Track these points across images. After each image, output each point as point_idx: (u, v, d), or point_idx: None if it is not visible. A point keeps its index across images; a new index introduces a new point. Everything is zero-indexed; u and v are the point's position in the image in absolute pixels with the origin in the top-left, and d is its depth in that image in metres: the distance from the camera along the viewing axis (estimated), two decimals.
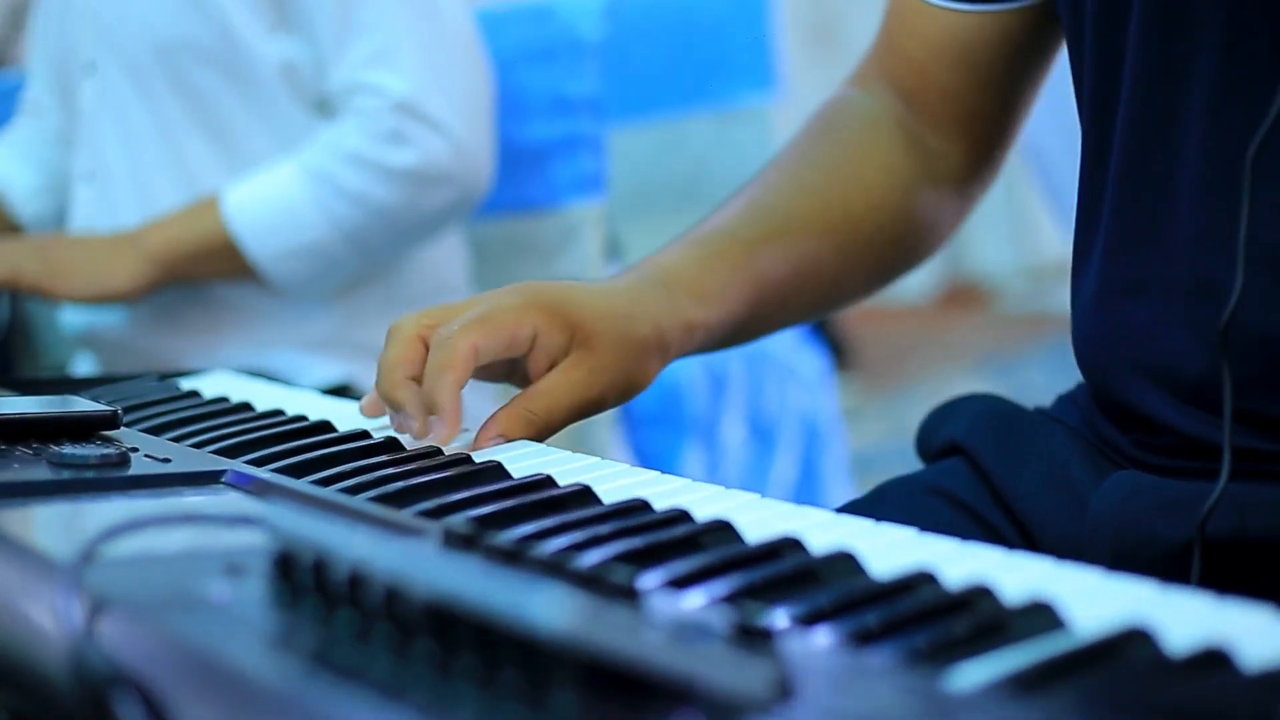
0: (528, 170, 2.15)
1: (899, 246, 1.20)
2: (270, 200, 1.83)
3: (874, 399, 4.45)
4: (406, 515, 0.84)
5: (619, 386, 1.05)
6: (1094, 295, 1.02)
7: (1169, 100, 0.96)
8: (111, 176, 1.93)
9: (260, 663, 0.61)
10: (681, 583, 0.72)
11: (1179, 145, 0.96)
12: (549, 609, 0.52)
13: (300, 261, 1.84)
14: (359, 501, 0.88)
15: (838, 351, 4.27)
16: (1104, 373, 1.02)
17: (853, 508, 1.05)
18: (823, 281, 1.16)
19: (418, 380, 1.00)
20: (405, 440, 1.01)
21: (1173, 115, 0.96)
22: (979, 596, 0.69)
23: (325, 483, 0.93)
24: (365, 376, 1.92)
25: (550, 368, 1.03)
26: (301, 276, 1.86)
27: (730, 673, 0.53)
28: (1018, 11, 1.13)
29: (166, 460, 0.96)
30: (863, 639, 0.64)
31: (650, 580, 0.72)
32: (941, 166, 1.19)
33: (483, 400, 1.57)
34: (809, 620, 0.67)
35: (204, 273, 1.86)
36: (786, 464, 2.73)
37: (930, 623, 0.66)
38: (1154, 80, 0.97)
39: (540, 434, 1.01)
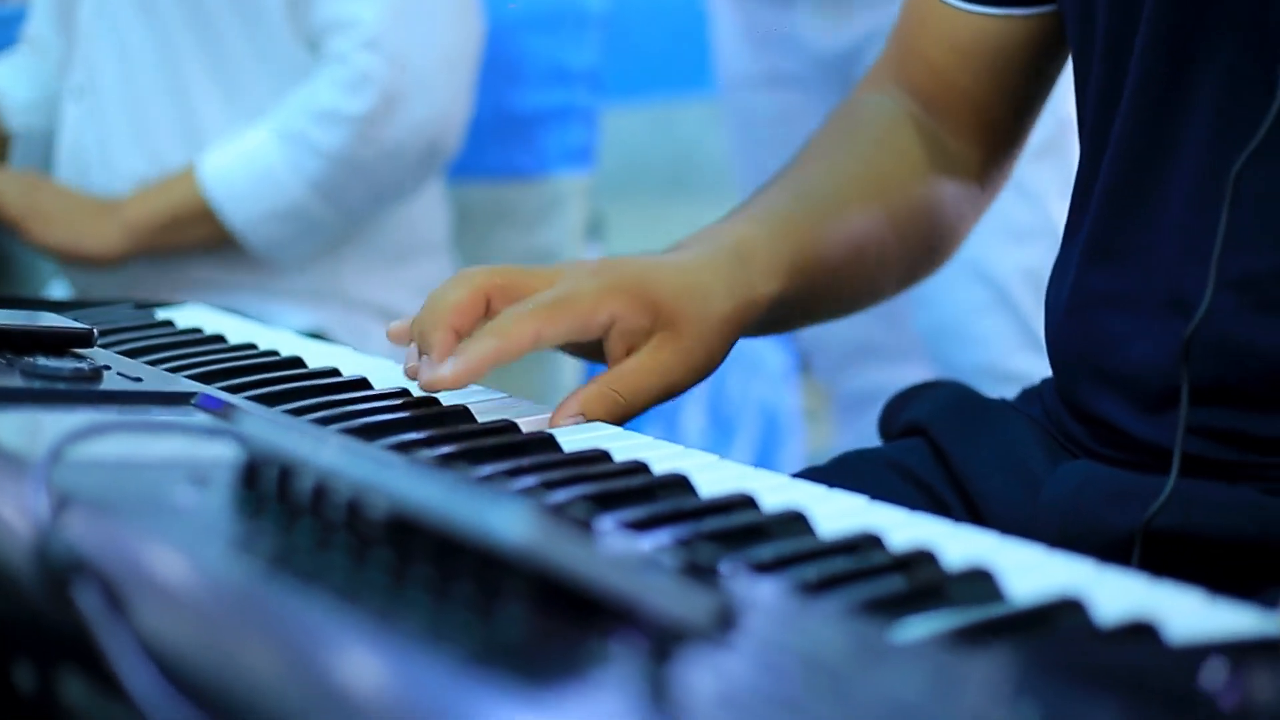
0: (518, 137, 2.16)
1: (929, 240, 1.20)
2: (246, 164, 1.85)
3: (828, 403, 4.46)
4: (374, 446, 0.86)
5: (701, 367, 1.02)
6: (1068, 304, 1.04)
7: (1167, 120, 0.98)
8: (103, 94, 1.94)
9: (218, 563, 0.63)
10: (636, 526, 0.74)
11: (1172, 164, 0.98)
12: (509, 521, 0.53)
13: (279, 224, 1.86)
14: (326, 430, 0.89)
15: (802, 352, 4.29)
16: (1071, 377, 1.04)
17: (811, 474, 1.07)
18: (868, 267, 1.15)
19: (460, 333, 0.96)
20: (374, 379, 1.03)
21: (1169, 135, 0.98)
22: (922, 560, 0.71)
23: (294, 414, 0.94)
24: (340, 327, 1.94)
25: (628, 350, 1.00)
26: (281, 239, 1.87)
27: (675, 600, 0.54)
28: (1040, 16, 1.14)
29: (138, 379, 0.98)
30: (807, 590, 0.66)
31: (606, 523, 0.73)
32: (961, 170, 1.20)
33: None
34: (757, 569, 0.69)
35: (183, 241, 1.88)
36: (743, 455, 2.75)
37: (872, 579, 0.68)
38: (1154, 100, 0.99)
39: (623, 417, 0.98)
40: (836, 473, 1.09)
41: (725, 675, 0.53)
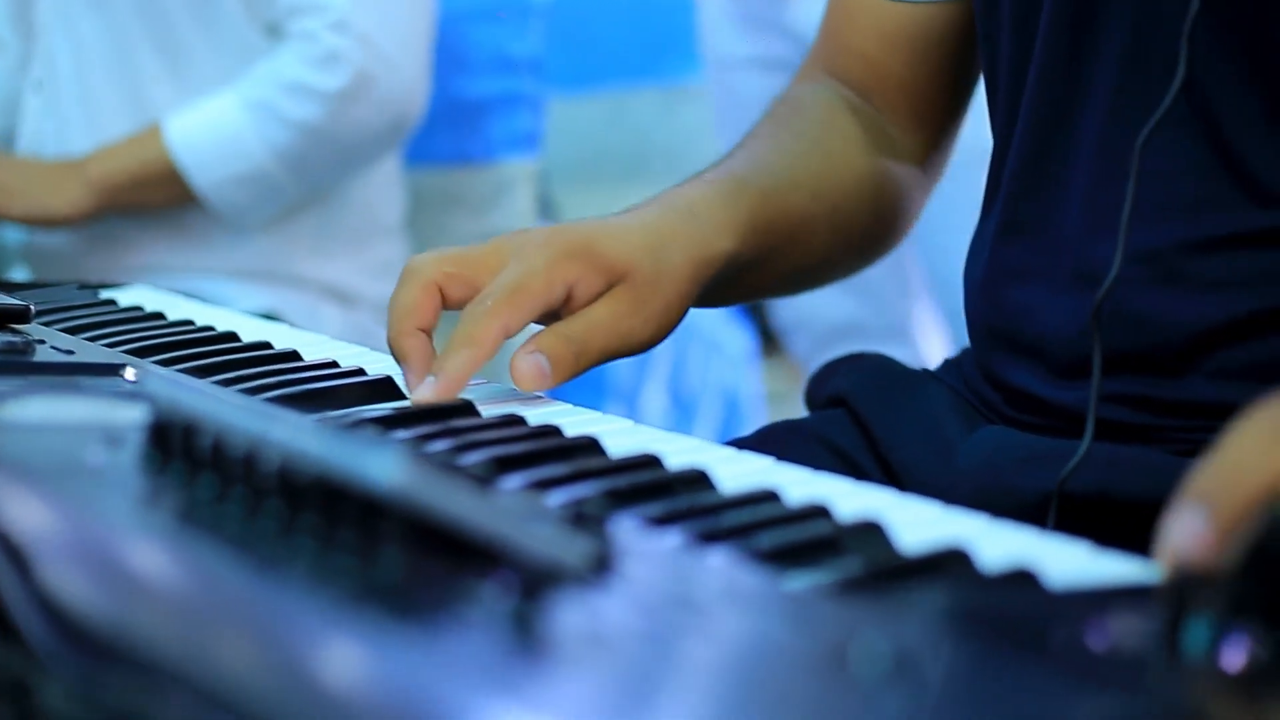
0: (466, 124, 2.19)
1: (881, 216, 1.21)
2: (213, 129, 1.87)
3: (800, 384, 4.48)
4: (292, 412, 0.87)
5: (659, 320, 1.02)
6: (983, 277, 1.06)
7: (1070, 97, 1.00)
8: (60, 87, 1.96)
9: (122, 519, 0.64)
10: (541, 485, 0.76)
11: (1077, 140, 1.00)
12: (383, 467, 0.55)
13: (242, 188, 1.88)
14: (241, 395, 0.91)
15: (769, 336, 4.31)
16: (987, 347, 1.06)
17: (736, 445, 1.08)
18: (816, 240, 1.16)
19: (427, 331, 0.97)
20: (303, 350, 1.04)
21: (1073, 112, 1.00)
22: (815, 514, 0.73)
23: (225, 385, 0.96)
24: (291, 308, 1.96)
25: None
26: (243, 203, 1.90)
27: (549, 543, 0.56)
28: (962, 2, 1.16)
29: (70, 353, 1.00)
30: (701, 540, 0.68)
31: (513, 481, 0.75)
32: (908, 157, 1.21)
33: None
34: (654, 522, 0.70)
35: (146, 200, 1.90)
36: (704, 436, 2.76)
37: (765, 532, 0.70)
38: (1058, 78, 1.01)
39: (579, 359, 0.98)
40: (762, 444, 1.11)
41: (595, 614, 0.55)
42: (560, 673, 0.51)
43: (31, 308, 1.08)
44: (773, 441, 1.10)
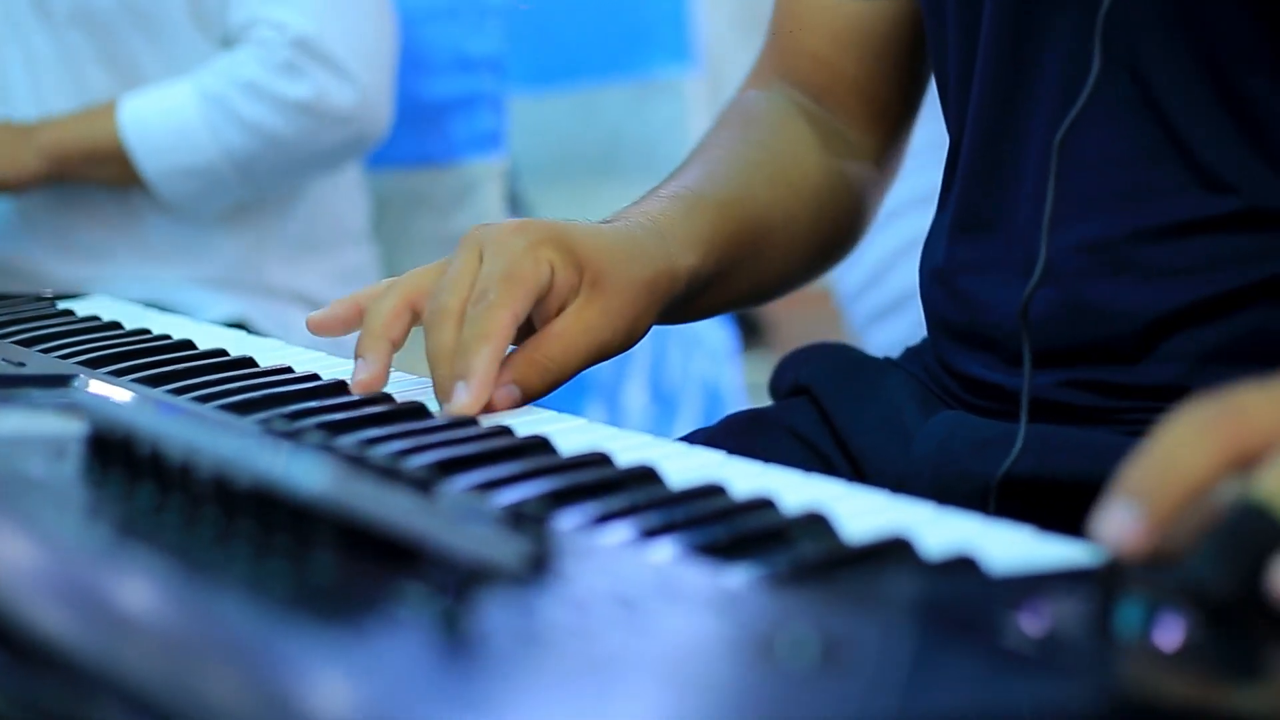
0: (428, 125, 2.19)
1: (837, 221, 1.21)
2: (165, 118, 1.86)
3: None
4: (231, 417, 0.87)
5: (625, 329, 1.00)
6: (938, 270, 1.06)
7: (1017, 90, 1.01)
8: (14, 102, 1.96)
9: (59, 531, 0.64)
10: (487, 487, 0.76)
11: (1023, 135, 1.00)
12: (307, 472, 0.55)
13: (189, 181, 1.88)
14: (181, 401, 0.91)
15: (749, 329, 4.31)
16: (943, 337, 1.07)
17: (700, 435, 1.09)
18: (775, 251, 1.15)
19: (395, 342, 0.96)
20: (259, 358, 1.04)
21: (1019, 105, 1.01)
22: (760, 506, 0.73)
23: (178, 393, 0.96)
24: (260, 315, 1.95)
25: (560, 309, 0.98)
26: (189, 194, 1.90)
27: (482, 543, 0.56)
28: None
29: (21, 364, 1.00)
30: (644, 536, 0.68)
31: (459, 483, 0.75)
32: (862, 157, 1.21)
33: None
34: (599, 520, 0.70)
35: (93, 174, 1.90)
36: (685, 430, 2.76)
37: (709, 525, 0.70)
38: (1004, 71, 1.01)
39: (555, 381, 0.97)
40: (726, 434, 1.11)
41: (529, 613, 0.55)
42: (490, 672, 0.51)
43: None
44: (737, 431, 1.11)
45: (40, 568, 0.64)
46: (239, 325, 1.85)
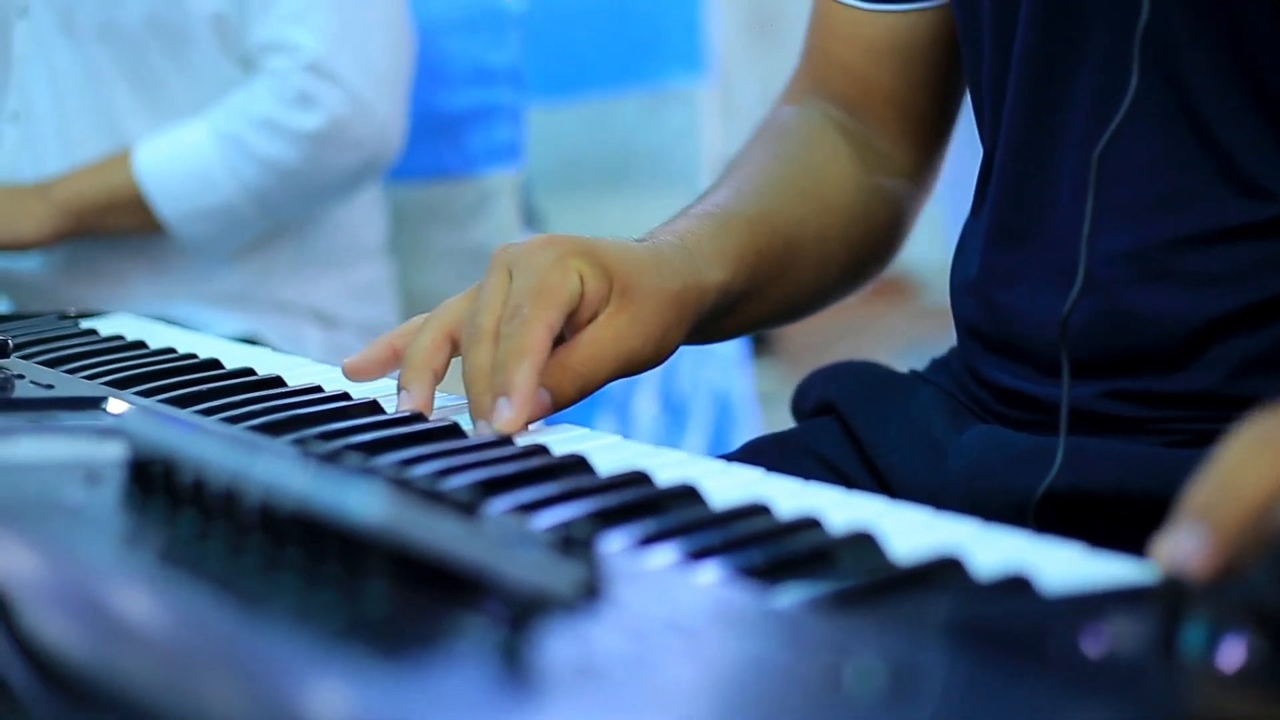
0: (446, 137, 2.18)
1: (870, 237, 1.20)
2: (181, 161, 1.86)
3: (792, 384, 4.48)
4: (271, 440, 0.87)
5: (656, 340, 0.99)
6: (971, 280, 1.05)
7: (1052, 99, 1.00)
8: (36, 119, 1.95)
9: (102, 560, 0.64)
10: (528, 508, 0.75)
11: (1058, 145, 1.00)
12: (362, 502, 0.54)
13: (209, 222, 1.87)
14: (220, 425, 0.90)
15: (759, 337, 4.30)
16: (976, 348, 1.06)
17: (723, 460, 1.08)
18: (806, 267, 1.15)
19: (436, 373, 0.96)
20: (287, 376, 1.04)
21: (1055, 114, 1.00)
22: (806, 526, 0.72)
23: (207, 414, 0.95)
24: (273, 332, 1.95)
25: (591, 320, 0.97)
26: (209, 235, 1.89)
27: (536, 571, 0.55)
28: (943, 9, 1.15)
29: (50, 387, 0.99)
30: (691, 558, 0.67)
31: (500, 504, 0.74)
32: (897, 170, 1.21)
33: None
34: (644, 542, 0.70)
35: (113, 225, 1.89)
36: (697, 440, 2.76)
37: (756, 547, 0.69)
38: (1039, 80, 1.00)
39: (586, 389, 0.96)
40: (749, 459, 1.10)
41: (586, 643, 0.54)
42: (551, 705, 0.50)
43: (9, 342, 1.07)
44: (759, 456, 1.10)
45: (81, 598, 0.63)
46: (251, 341, 1.84)
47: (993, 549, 0.69)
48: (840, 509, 0.74)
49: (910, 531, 0.71)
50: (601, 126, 2.86)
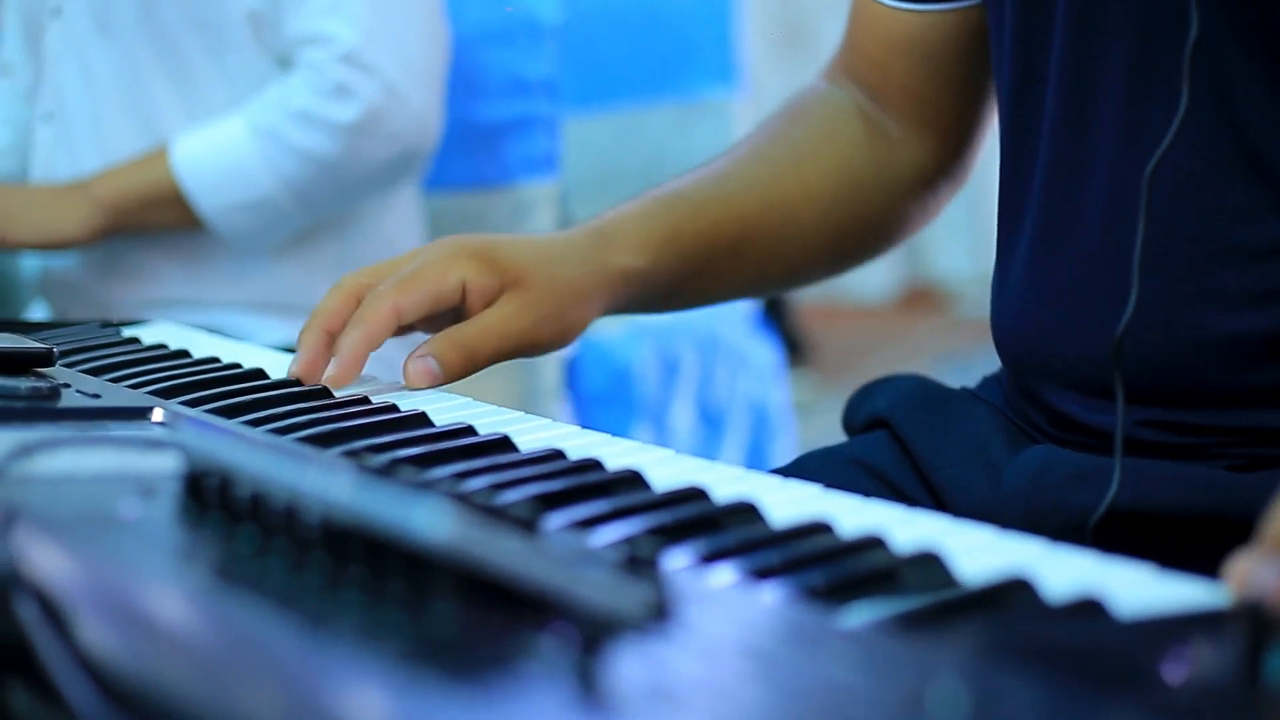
0: (482, 148, 2.17)
1: (853, 231, 1.21)
2: (219, 155, 1.85)
3: (827, 395, 4.47)
4: (327, 454, 0.85)
5: (552, 325, 1.07)
6: (1015, 298, 1.04)
7: (1084, 117, 0.99)
8: (70, 118, 1.94)
9: (159, 573, 0.62)
10: (586, 524, 0.74)
11: (1092, 160, 0.98)
12: (430, 520, 0.53)
13: (248, 215, 1.87)
14: (274, 438, 0.89)
15: (794, 347, 4.30)
16: (1022, 373, 1.04)
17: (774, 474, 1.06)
18: (767, 253, 1.18)
19: (331, 332, 1.05)
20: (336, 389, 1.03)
21: (1086, 131, 0.98)
22: (871, 545, 0.71)
23: (254, 424, 0.94)
24: None
25: (484, 309, 1.06)
26: (248, 229, 1.88)
27: (606, 592, 0.54)
28: (967, 11, 1.14)
29: (96, 396, 0.98)
30: (755, 577, 0.66)
31: (557, 520, 0.73)
32: (906, 159, 1.20)
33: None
34: (705, 559, 0.68)
35: (153, 221, 1.88)
36: (734, 450, 2.74)
37: (821, 566, 0.68)
38: (1070, 98, 0.99)
39: (469, 362, 1.03)
40: (799, 473, 1.09)
41: (659, 665, 0.53)
42: None
43: (55, 350, 1.07)
44: (810, 470, 1.08)
45: (139, 613, 0.62)
46: (291, 350, 1.83)
47: (1061, 570, 0.67)
48: (903, 528, 0.72)
49: (976, 551, 0.70)
50: (634, 137, 2.85)
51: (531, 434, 0.91)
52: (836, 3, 1.72)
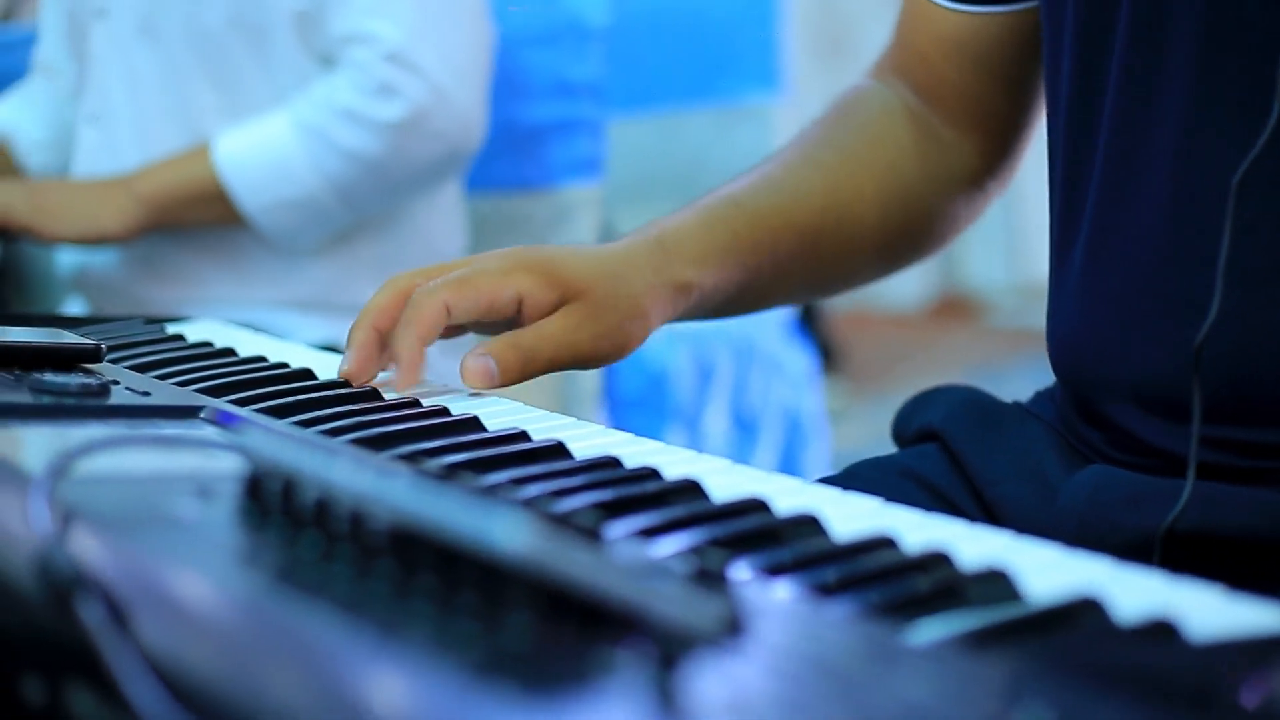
0: (526, 150, 2.17)
1: (905, 233, 1.21)
2: (263, 152, 1.84)
3: (859, 402, 4.46)
4: (381, 457, 0.85)
5: (610, 338, 1.06)
6: (1072, 310, 1.02)
7: (1145, 120, 0.97)
8: (114, 119, 1.94)
9: (222, 576, 0.62)
10: (647, 533, 0.73)
11: (1154, 165, 0.97)
12: (510, 532, 0.52)
13: (290, 213, 1.86)
14: (334, 441, 0.89)
15: (826, 354, 4.28)
16: (1078, 383, 1.03)
17: (824, 483, 1.05)
18: (824, 259, 1.18)
19: (380, 330, 1.03)
20: (383, 390, 1.02)
21: (1148, 136, 0.97)
22: (937, 561, 0.70)
23: (304, 425, 0.94)
24: None
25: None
26: (291, 227, 1.87)
27: (682, 607, 0.53)
28: (1021, 14, 1.14)
29: (146, 394, 0.97)
30: (820, 592, 0.65)
31: (617, 529, 0.72)
32: (955, 160, 1.20)
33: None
34: (769, 573, 0.68)
35: (194, 218, 1.87)
36: (767, 456, 2.74)
37: (887, 582, 0.67)
38: (1132, 101, 0.98)
39: (526, 365, 1.02)
40: (849, 482, 1.08)
41: (734, 681, 0.52)
42: None
43: (103, 347, 1.06)
44: (862, 480, 1.08)
45: (202, 616, 0.61)
46: (330, 347, 1.83)
47: (1130, 590, 0.66)
48: (968, 544, 0.72)
49: (1043, 569, 0.69)
50: (673, 140, 2.85)
51: (585, 440, 0.90)
52: (877, 8, 1.72)
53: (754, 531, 0.74)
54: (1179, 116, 0.95)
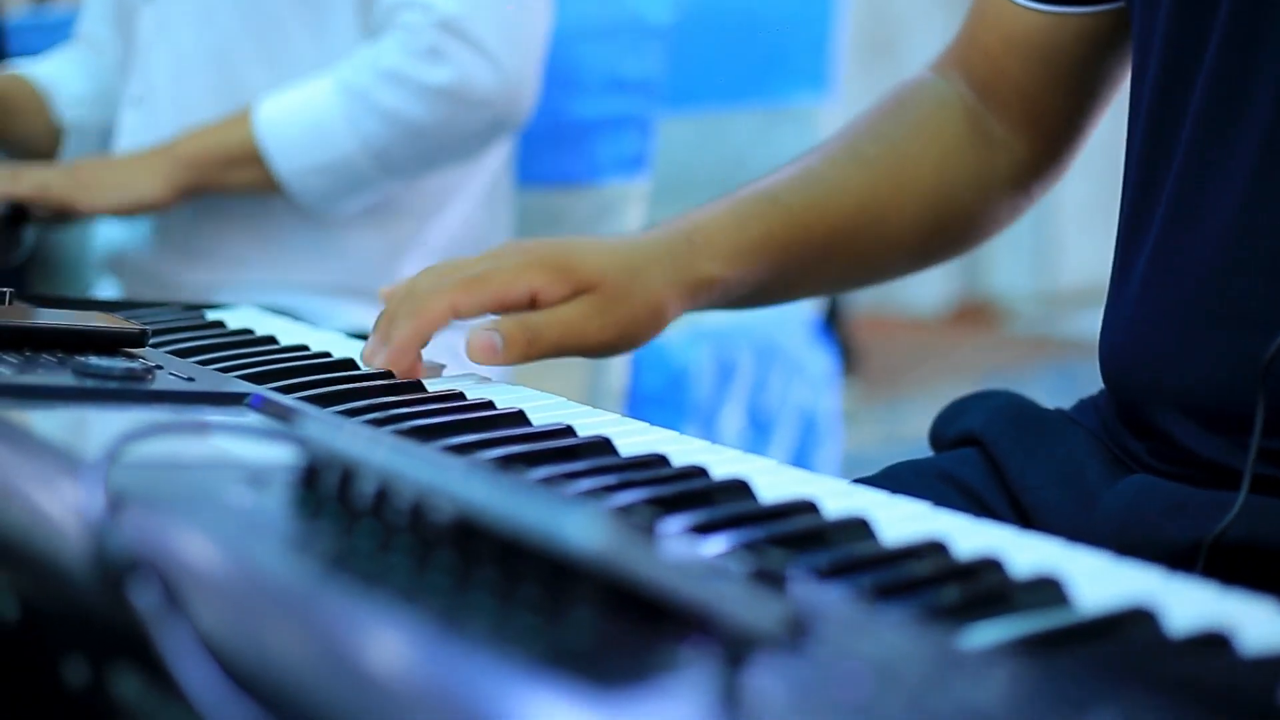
0: (574, 145, 2.15)
1: (943, 231, 1.21)
2: (302, 114, 1.83)
3: (872, 404, 4.46)
4: (429, 448, 0.85)
5: (622, 331, 1.08)
6: (1130, 318, 1.02)
7: (1228, 131, 0.97)
8: (158, 102, 1.94)
9: (278, 563, 0.62)
10: (698, 531, 0.73)
11: (1231, 178, 0.97)
12: (582, 529, 0.53)
13: (325, 177, 1.84)
14: (379, 432, 0.89)
15: (843, 355, 4.29)
16: (1130, 392, 1.03)
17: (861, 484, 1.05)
18: (857, 256, 1.18)
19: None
20: (429, 381, 1.03)
21: (1229, 147, 0.97)
22: (988, 567, 0.70)
23: (348, 415, 0.94)
24: None
25: None
26: (324, 192, 1.85)
27: (746, 608, 0.54)
28: (1098, 15, 1.13)
29: (190, 379, 0.97)
30: (875, 596, 0.65)
31: (668, 527, 0.73)
32: (1005, 158, 1.20)
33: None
34: (823, 575, 0.68)
35: (232, 181, 1.86)
36: (778, 455, 2.74)
37: (939, 587, 0.67)
38: (1216, 110, 0.97)
39: (531, 345, 1.03)
40: (886, 484, 1.08)
41: (797, 682, 0.52)
42: None
43: (148, 331, 1.06)
44: (899, 483, 1.07)
45: (253, 605, 0.61)
46: (366, 335, 1.82)
47: (1182, 600, 0.66)
48: (1019, 550, 0.72)
49: (1094, 577, 0.69)
50: (717, 140, 2.84)
51: (630, 437, 0.90)
52: (925, 12, 1.71)
53: (804, 532, 0.74)
54: (1262, 130, 0.95)
